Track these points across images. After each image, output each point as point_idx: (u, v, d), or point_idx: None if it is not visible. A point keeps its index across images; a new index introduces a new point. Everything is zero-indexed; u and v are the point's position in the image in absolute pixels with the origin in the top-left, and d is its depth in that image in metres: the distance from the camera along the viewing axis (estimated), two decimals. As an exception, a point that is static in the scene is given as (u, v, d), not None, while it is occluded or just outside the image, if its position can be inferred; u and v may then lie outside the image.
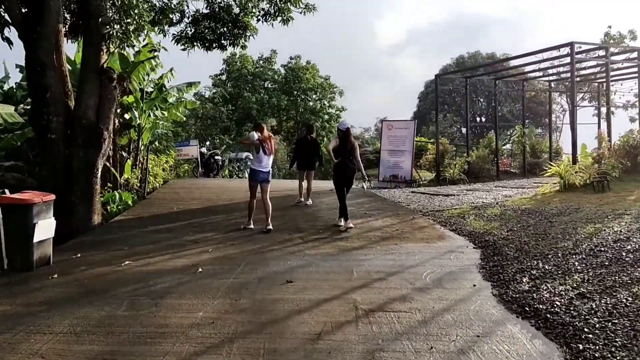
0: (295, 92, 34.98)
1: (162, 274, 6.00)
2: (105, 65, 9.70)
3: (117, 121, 13.12)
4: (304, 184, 11.74)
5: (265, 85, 35.89)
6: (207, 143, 21.83)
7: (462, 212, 9.92)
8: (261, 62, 35.87)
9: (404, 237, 7.95)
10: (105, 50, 9.75)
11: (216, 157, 20.40)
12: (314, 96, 35.72)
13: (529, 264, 6.05)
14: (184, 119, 19.85)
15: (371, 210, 10.41)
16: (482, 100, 46.72)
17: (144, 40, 12.83)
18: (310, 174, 11.67)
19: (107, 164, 12.03)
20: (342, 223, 8.79)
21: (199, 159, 20.59)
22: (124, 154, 14.58)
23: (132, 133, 15.02)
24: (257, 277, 5.85)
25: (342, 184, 9.03)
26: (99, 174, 9.59)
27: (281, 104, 33.90)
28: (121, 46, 10.30)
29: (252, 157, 10.76)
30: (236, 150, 35.72)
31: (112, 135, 10.38)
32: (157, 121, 16.77)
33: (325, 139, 36.10)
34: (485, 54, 46.30)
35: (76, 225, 8.88)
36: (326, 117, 34.91)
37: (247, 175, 34.73)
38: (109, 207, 11.03)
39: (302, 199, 11.62)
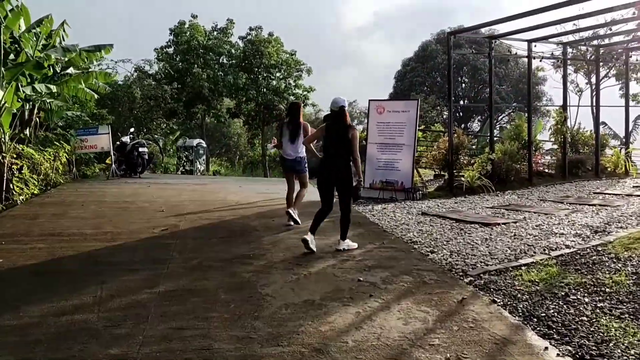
0: (256, 69, 29.55)
1: None
2: None
3: None
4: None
5: (221, 61, 30.34)
6: (132, 130, 16.33)
7: (547, 276, 5.04)
8: (215, 33, 30.22)
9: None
10: None
11: (141, 150, 15.01)
12: (278, 74, 30.38)
13: None
14: (95, 96, 14.40)
15: (369, 272, 5.36)
16: (466, 80, 42.02)
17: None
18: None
19: None
20: (311, 246, 6.13)
21: (118, 152, 15.19)
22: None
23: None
24: None
25: (329, 184, 6.35)
26: None
27: (239, 83, 28.44)
28: None
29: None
30: (184, 137, 30.31)
31: None
32: (40, 98, 11.37)
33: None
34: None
35: None
36: (292, 98, 29.61)
37: (199, 168, 29.55)
38: None
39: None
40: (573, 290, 4.68)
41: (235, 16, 62.26)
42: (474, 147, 15.92)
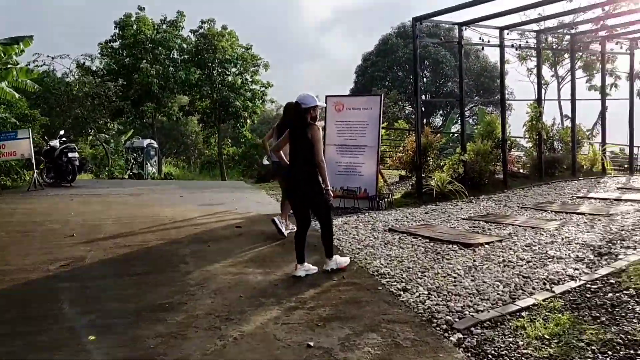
0: (210, 64, 27.81)
1: None
2: None
3: None
4: None
5: (171, 56, 28.44)
6: (62, 132, 14.48)
7: (558, 329, 3.76)
8: (165, 26, 28.25)
9: None
10: None
11: (71, 155, 13.22)
12: (233, 69, 28.70)
13: None
14: (16, 95, 12.57)
15: (323, 330, 3.98)
16: (427, 74, 41.08)
17: None
18: None
19: None
20: (300, 272, 5.30)
21: (46, 157, 13.38)
22: None
23: None
24: None
25: (297, 195, 5.41)
26: None
27: (191, 79, 26.66)
28: None
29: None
30: (134, 137, 28.29)
31: None
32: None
33: (247, 121, 29.40)
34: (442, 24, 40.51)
35: None
36: (249, 94, 28.00)
37: (150, 170, 27.49)
38: None
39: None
40: (599, 356, 3.39)
41: (186, 8, 59.67)
42: (445, 147, 14.74)
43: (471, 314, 4.21)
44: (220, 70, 28.03)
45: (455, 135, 24.86)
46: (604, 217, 7.35)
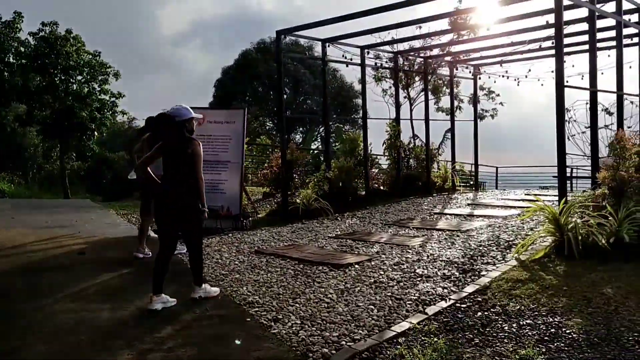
0: (52, 70, 25.22)
1: None
2: None
3: None
4: None
5: (7, 59, 25.34)
6: None
7: (436, 355, 3.61)
8: (-1, 27, 25.12)
9: None
10: None
11: None
12: (79, 77, 26.35)
13: None
14: None
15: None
16: (287, 91, 41.54)
17: None
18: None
19: None
20: (157, 305, 4.63)
21: None
22: None
23: None
24: None
25: (169, 218, 4.90)
26: None
27: (30, 85, 23.94)
28: None
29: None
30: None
31: None
32: None
33: (95, 134, 27.16)
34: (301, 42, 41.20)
35: None
36: (97, 104, 25.90)
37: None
38: None
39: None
40: (480, 382, 3.28)
41: (25, 10, 54.41)
42: (308, 163, 14.71)
43: (348, 344, 3.93)
44: (63, 77, 25.57)
45: (315, 152, 25.21)
46: (462, 233, 7.63)
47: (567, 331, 3.94)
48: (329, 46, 10.76)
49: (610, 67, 8.39)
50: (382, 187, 12.43)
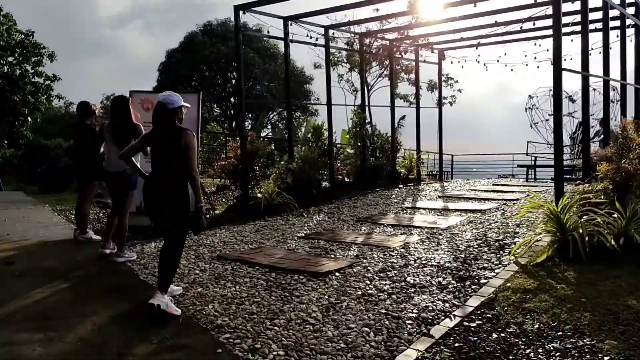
0: (-21, 51, 23.04)
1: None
2: None
3: None
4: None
5: None
6: None
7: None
8: None
9: None
10: None
11: None
12: (10, 58, 24.22)
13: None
14: None
15: None
16: (236, 75, 40.04)
17: None
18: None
19: None
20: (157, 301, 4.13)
21: None
22: None
23: None
24: None
25: (156, 211, 4.55)
26: None
27: (-47, 66, 21.74)
28: None
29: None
30: None
31: None
32: None
33: (29, 119, 25.13)
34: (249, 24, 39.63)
35: None
36: (30, 88, 23.93)
37: None
38: None
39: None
40: None
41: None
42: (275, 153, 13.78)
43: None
44: (-7, 58, 23.44)
45: (266, 139, 24.16)
46: (444, 232, 7.01)
47: (605, 358, 3.33)
48: (291, 24, 9.84)
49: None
50: (346, 179, 11.71)
